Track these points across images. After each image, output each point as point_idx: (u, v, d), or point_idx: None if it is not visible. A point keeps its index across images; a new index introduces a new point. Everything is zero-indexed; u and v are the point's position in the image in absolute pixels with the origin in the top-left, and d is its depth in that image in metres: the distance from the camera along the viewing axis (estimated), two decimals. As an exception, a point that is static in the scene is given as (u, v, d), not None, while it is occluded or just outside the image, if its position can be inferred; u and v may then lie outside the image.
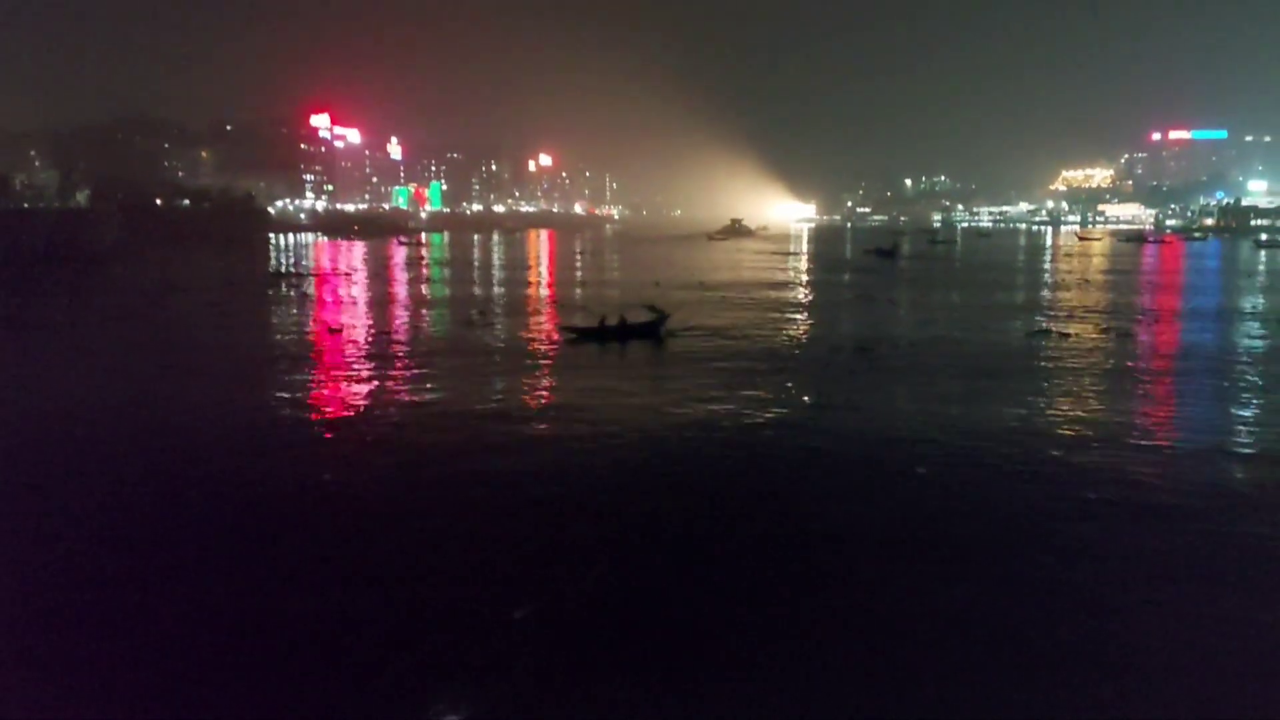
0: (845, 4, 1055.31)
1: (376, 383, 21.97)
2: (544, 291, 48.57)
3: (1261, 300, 42.16)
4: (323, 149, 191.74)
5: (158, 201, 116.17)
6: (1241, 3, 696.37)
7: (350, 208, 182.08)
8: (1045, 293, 45.30)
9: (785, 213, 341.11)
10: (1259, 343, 29.06)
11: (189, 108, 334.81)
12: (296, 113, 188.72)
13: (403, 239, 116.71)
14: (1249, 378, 22.81)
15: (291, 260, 74.27)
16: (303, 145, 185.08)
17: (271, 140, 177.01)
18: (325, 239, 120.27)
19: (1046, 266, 72.55)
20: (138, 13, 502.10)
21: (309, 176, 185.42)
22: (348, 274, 59.08)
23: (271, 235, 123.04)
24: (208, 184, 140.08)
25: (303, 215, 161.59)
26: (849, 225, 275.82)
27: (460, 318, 35.07)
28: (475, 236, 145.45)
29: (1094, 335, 29.50)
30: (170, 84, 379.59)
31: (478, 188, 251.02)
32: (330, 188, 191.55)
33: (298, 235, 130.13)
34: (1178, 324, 33.83)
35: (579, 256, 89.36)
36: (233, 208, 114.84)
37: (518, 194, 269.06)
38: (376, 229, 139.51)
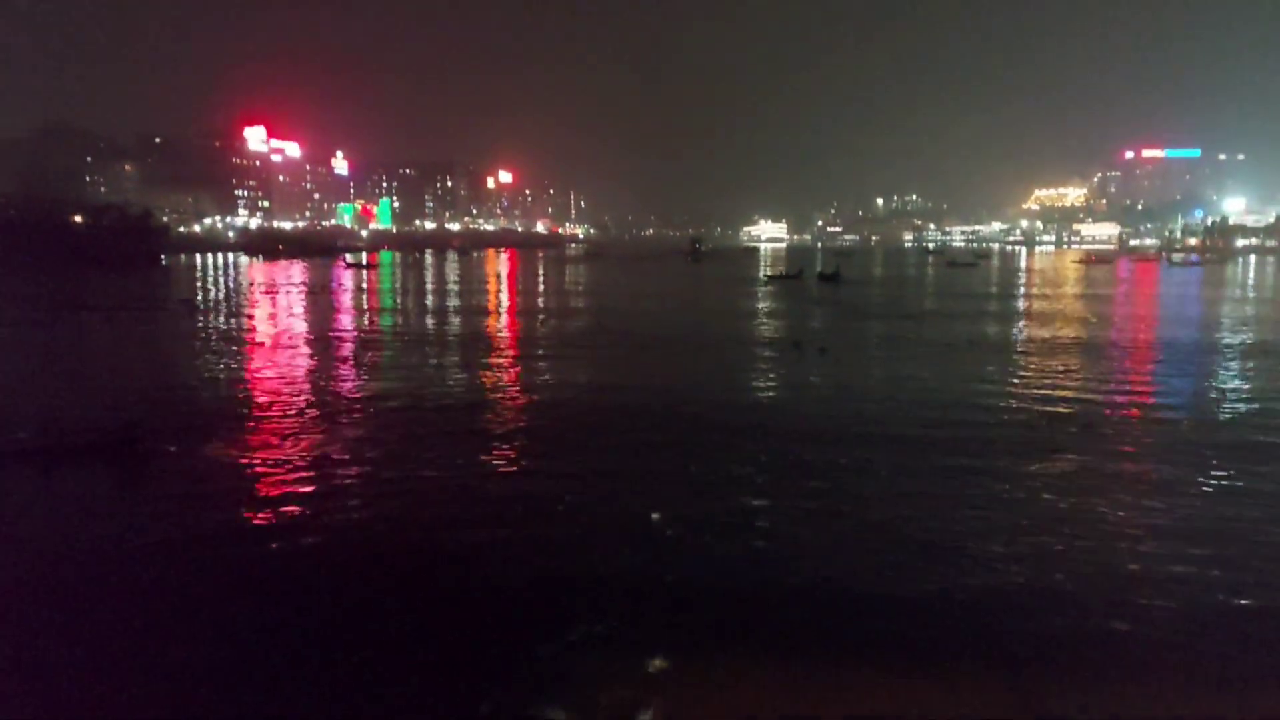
0: (817, 24, 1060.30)
1: None
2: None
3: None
4: (257, 163, 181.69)
5: (75, 216, 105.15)
6: (1211, 22, 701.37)
7: (289, 225, 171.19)
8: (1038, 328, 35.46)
9: (758, 231, 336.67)
10: None
11: (117, 120, 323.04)
12: (230, 125, 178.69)
13: (347, 259, 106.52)
14: None
15: (148, 288, 63.64)
16: (235, 159, 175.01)
17: (202, 154, 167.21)
18: (255, 260, 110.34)
19: (1029, 294, 62.98)
20: (67, 21, 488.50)
21: (242, 192, 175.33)
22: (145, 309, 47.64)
23: (182, 256, 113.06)
24: (128, 199, 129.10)
25: (231, 234, 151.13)
26: (819, 245, 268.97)
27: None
28: (428, 256, 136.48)
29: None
30: (98, 96, 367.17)
31: (431, 205, 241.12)
32: (266, 204, 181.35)
33: (216, 255, 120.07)
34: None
35: (510, 280, 79.54)
36: (129, 226, 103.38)
37: (475, 211, 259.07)
38: (307, 248, 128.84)
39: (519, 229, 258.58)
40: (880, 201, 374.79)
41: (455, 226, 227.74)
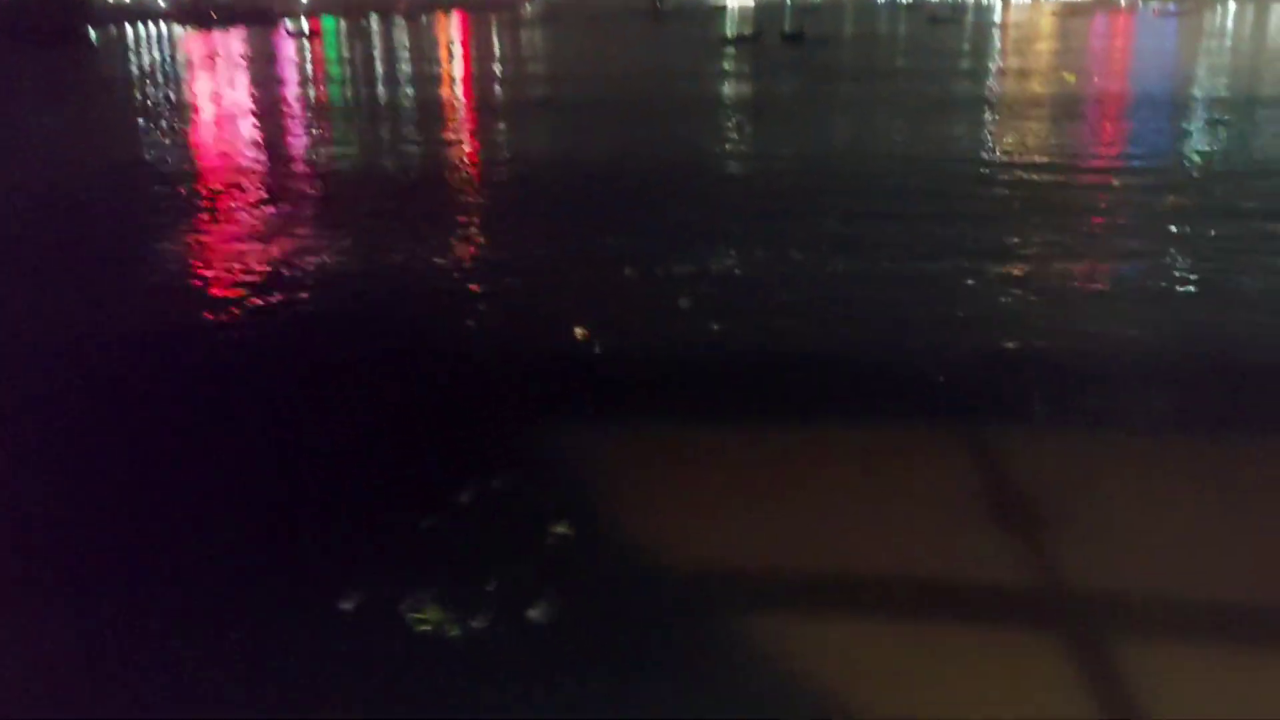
0: None
1: None
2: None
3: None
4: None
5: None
6: None
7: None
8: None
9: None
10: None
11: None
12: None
13: (288, 27, 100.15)
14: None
15: None
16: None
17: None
18: (188, 30, 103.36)
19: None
20: None
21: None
22: None
23: (111, 28, 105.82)
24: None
25: (163, 2, 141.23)
26: (788, 1, 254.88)
27: None
28: (374, 22, 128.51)
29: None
30: None
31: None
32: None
33: (148, 26, 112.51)
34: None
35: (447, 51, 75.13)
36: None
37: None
38: (243, 16, 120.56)
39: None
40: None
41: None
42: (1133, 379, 8.30)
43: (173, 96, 37.72)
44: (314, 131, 26.54)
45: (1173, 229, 13.31)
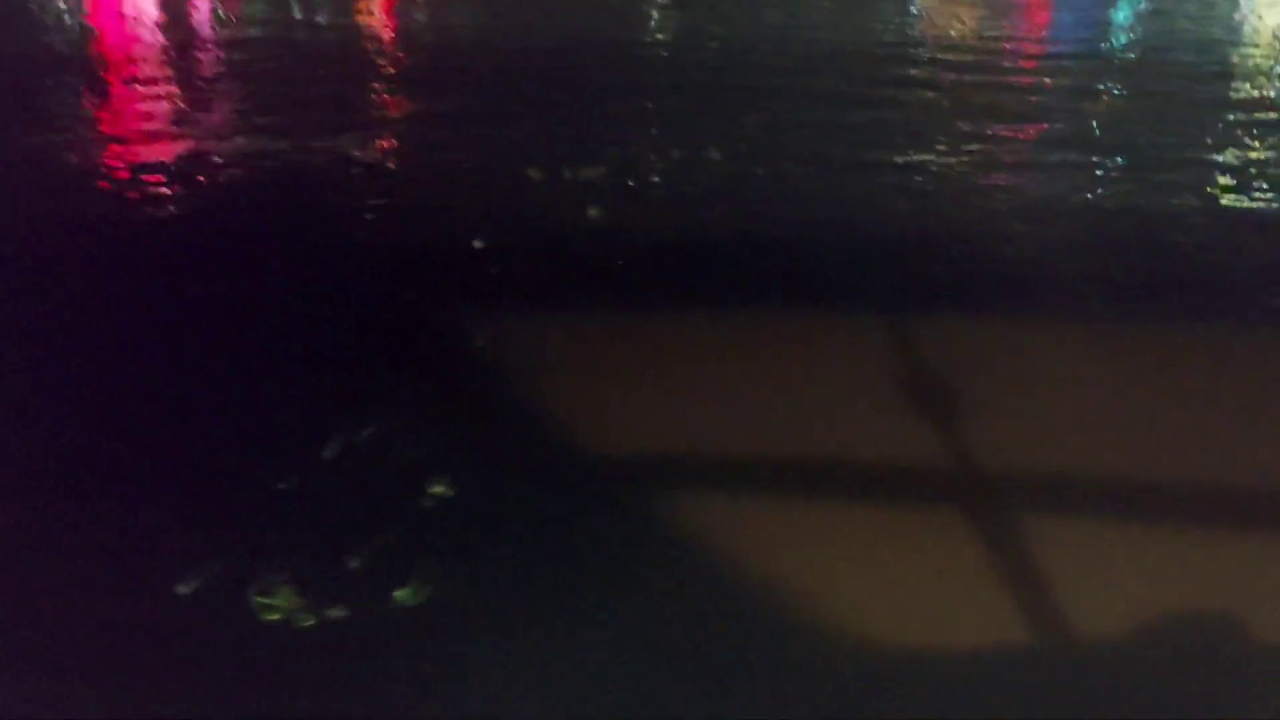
0: None
1: None
2: None
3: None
4: None
5: None
6: None
7: None
8: None
9: None
10: None
11: None
12: None
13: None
14: None
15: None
16: None
17: None
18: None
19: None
20: None
21: None
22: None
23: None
24: None
25: None
26: None
27: None
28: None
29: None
30: None
31: None
32: None
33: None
34: None
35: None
36: None
37: None
38: None
39: None
40: None
41: None
42: (1053, 284, 8.24)
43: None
44: (215, 9, 24.80)
45: (1104, 134, 13.02)
